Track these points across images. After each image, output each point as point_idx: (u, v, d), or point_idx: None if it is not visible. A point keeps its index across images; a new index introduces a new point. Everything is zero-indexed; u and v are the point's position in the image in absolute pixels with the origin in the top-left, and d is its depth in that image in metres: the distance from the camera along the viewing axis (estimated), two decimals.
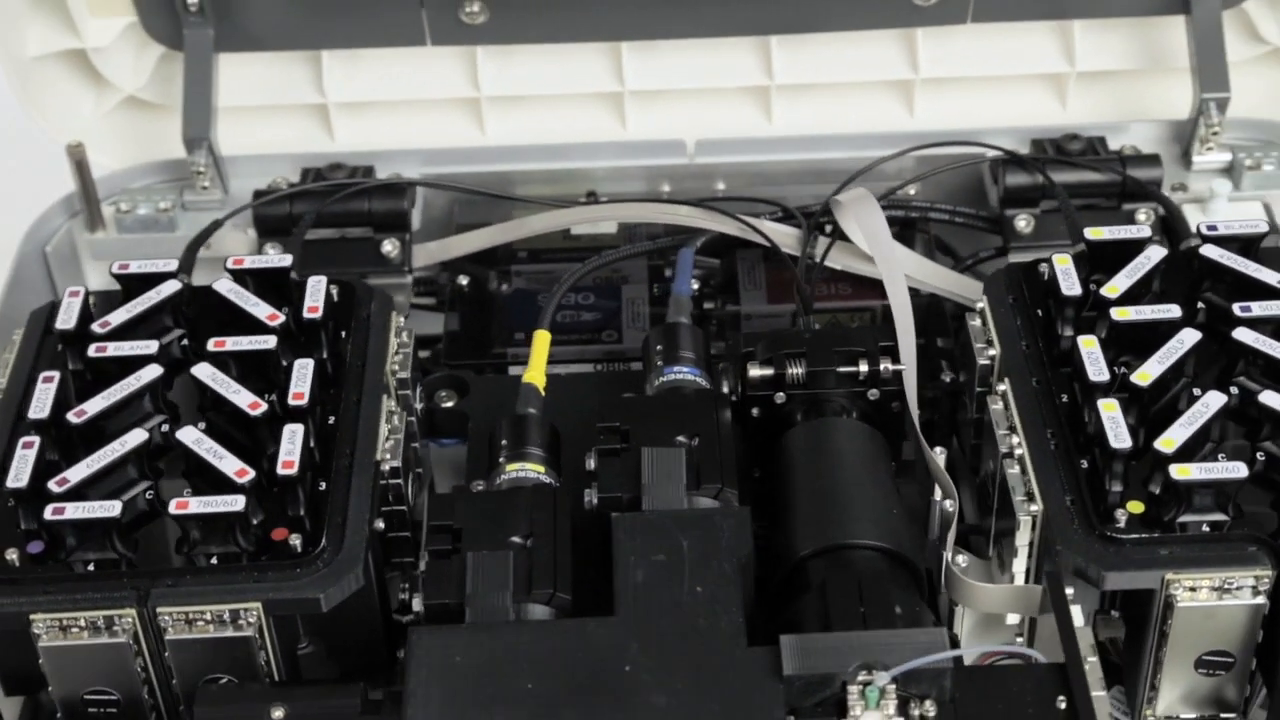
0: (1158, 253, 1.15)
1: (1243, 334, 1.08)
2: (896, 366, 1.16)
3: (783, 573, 1.06)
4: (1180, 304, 1.11)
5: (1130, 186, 1.38)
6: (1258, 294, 1.12)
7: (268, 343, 1.11)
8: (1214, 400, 1.04)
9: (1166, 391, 1.07)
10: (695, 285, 1.31)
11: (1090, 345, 1.08)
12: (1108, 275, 1.14)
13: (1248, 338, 1.08)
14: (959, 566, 1.08)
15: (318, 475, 1.06)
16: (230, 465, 1.02)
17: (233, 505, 1.00)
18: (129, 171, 1.46)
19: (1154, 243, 1.16)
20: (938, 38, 1.46)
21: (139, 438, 1.05)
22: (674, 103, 1.49)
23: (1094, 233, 1.17)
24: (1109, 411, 1.04)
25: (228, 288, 1.16)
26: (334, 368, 1.14)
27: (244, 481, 1.01)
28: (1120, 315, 1.10)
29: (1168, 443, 1.01)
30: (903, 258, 1.30)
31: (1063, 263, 1.15)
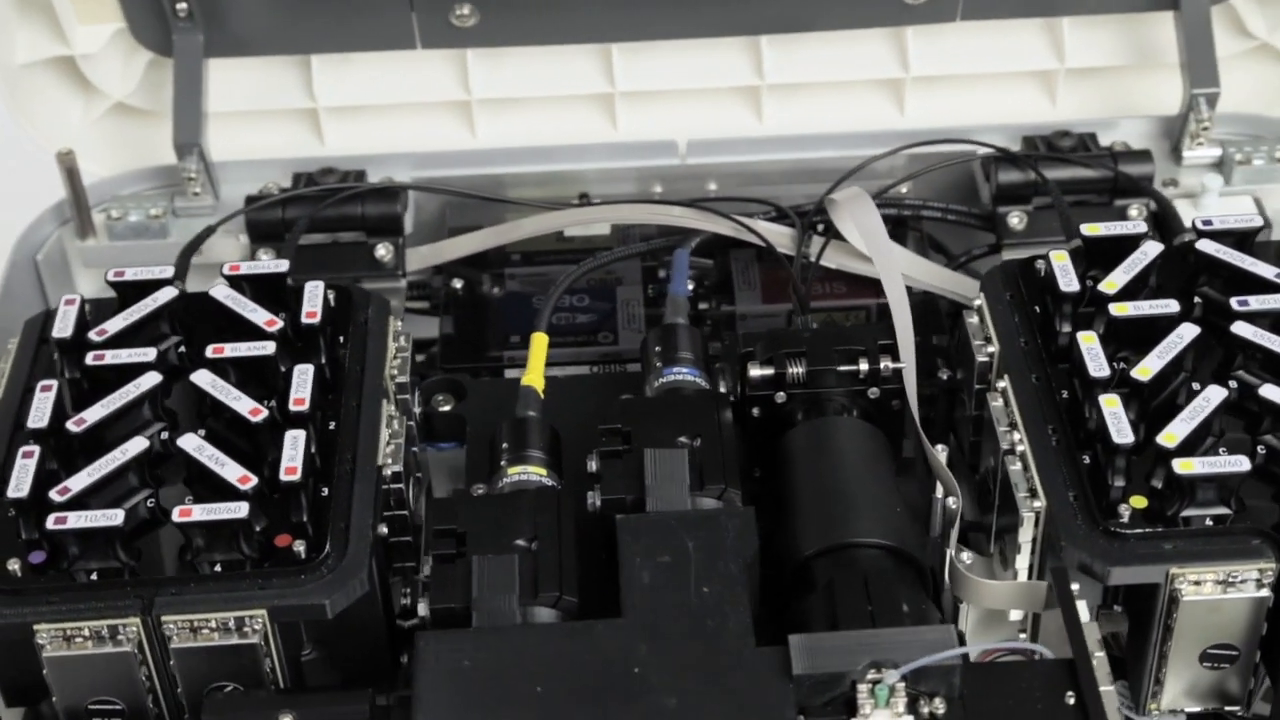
0: (1154, 248, 1.15)
1: (1241, 328, 1.09)
2: (896, 365, 1.16)
3: (787, 572, 1.06)
4: (1176, 299, 1.11)
5: (1122, 182, 1.39)
6: (1255, 288, 1.12)
7: (267, 349, 1.10)
8: (1215, 394, 1.04)
9: (1166, 386, 1.07)
10: (690, 286, 1.31)
11: (1090, 341, 1.08)
12: (1104, 271, 1.14)
13: (1246, 332, 1.08)
14: (964, 563, 1.08)
15: (320, 481, 1.05)
16: (233, 472, 1.02)
17: (236, 512, 0.99)
18: (119, 178, 1.46)
19: (1149, 238, 1.17)
20: (927, 36, 1.46)
21: (140, 446, 1.04)
22: (665, 103, 1.49)
23: (1090, 229, 1.17)
24: (1110, 407, 1.04)
25: (224, 294, 1.15)
26: (332, 373, 1.14)
27: (247, 488, 1.01)
28: (1119, 311, 1.10)
29: (1170, 437, 1.02)
30: (899, 256, 1.30)
31: (1060, 259, 1.15)
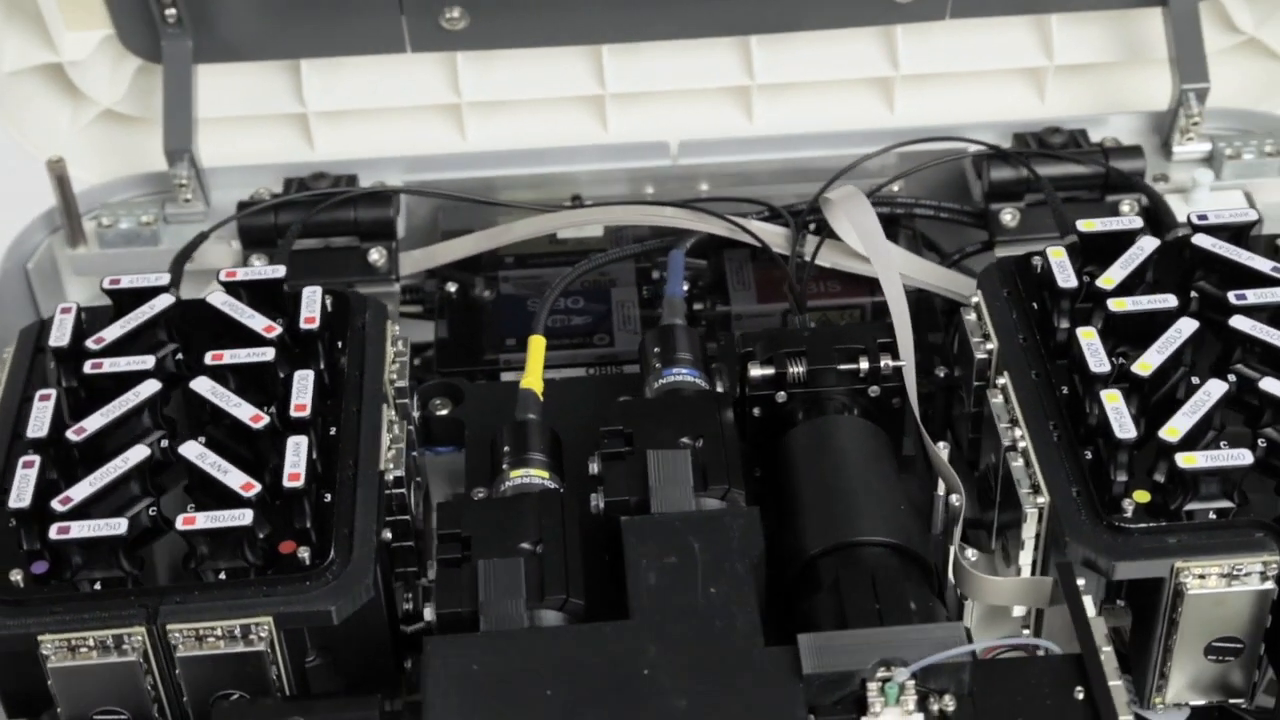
0: (1150, 243, 1.16)
1: (1240, 321, 1.09)
2: (896, 363, 1.16)
3: (792, 571, 1.06)
4: (1173, 293, 1.12)
5: (1113, 178, 1.39)
6: (1251, 282, 1.13)
7: (266, 355, 1.10)
8: (1215, 388, 1.04)
9: (1166, 381, 1.08)
10: (685, 287, 1.31)
11: (1089, 337, 1.09)
12: (1100, 267, 1.14)
13: (1245, 325, 1.09)
14: (968, 560, 1.08)
15: (322, 487, 1.05)
16: (235, 479, 1.02)
17: (240, 519, 0.99)
18: (109, 185, 1.45)
19: (1145, 233, 1.17)
20: (917, 34, 1.47)
21: (141, 454, 1.04)
22: (655, 104, 1.49)
23: (1086, 225, 1.17)
24: (1112, 402, 1.04)
25: (221, 300, 1.15)
26: (332, 378, 1.13)
27: (250, 495, 1.01)
28: (1117, 306, 1.10)
29: (1172, 431, 1.02)
30: (894, 254, 1.30)
31: (1057, 255, 1.15)
